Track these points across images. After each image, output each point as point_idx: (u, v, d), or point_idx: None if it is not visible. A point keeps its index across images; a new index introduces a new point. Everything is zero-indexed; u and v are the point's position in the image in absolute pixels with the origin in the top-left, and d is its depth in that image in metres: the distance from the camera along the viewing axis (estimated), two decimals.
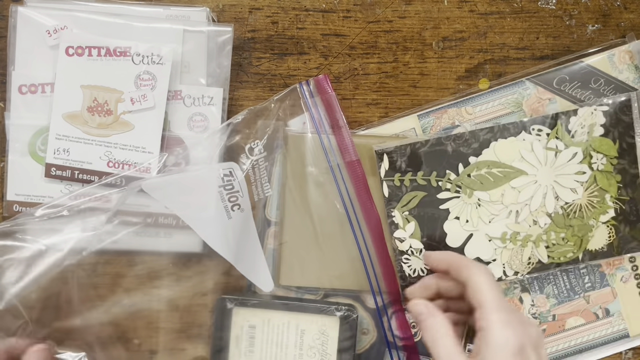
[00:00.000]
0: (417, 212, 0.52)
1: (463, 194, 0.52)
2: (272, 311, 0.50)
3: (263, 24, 0.54)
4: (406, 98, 0.55)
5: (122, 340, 0.53)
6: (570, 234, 0.52)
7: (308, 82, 0.53)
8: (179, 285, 0.54)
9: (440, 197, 0.52)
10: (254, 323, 0.50)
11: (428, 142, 0.52)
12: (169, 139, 0.52)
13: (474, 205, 0.52)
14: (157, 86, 0.51)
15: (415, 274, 0.52)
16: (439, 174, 0.52)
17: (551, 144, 0.52)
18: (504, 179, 0.52)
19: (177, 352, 0.54)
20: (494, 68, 0.55)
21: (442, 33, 0.55)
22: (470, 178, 0.52)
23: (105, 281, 0.53)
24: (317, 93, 0.52)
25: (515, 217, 0.52)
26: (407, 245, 0.52)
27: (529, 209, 0.52)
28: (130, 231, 0.52)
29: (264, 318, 0.50)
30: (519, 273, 0.52)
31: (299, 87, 0.52)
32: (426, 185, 0.52)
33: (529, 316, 0.55)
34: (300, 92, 0.52)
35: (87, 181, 0.52)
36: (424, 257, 0.50)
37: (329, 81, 0.52)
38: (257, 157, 0.52)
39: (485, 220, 0.52)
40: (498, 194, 0.52)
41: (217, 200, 0.50)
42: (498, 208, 0.52)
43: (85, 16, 0.51)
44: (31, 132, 0.52)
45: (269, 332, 0.50)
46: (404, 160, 0.52)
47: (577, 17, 0.55)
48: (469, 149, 0.52)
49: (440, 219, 0.52)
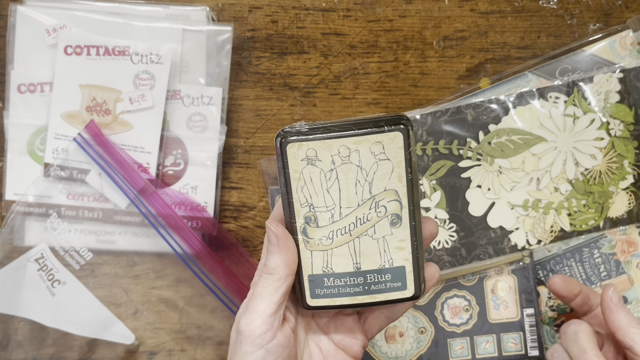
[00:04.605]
0: (443, 181, 0.52)
1: (484, 162, 0.52)
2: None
3: (263, 23, 0.54)
4: (407, 97, 0.55)
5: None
6: (591, 200, 0.52)
7: (81, 135, 0.51)
8: (178, 285, 0.53)
9: (461, 165, 0.52)
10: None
11: (448, 110, 0.51)
12: (168, 138, 0.52)
13: (495, 173, 0.52)
14: (156, 86, 0.51)
15: (440, 246, 0.52)
16: (460, 142, 0.52)
17: (569, 111, 0.52)
18: (524, 146, 0.52)
19: (176, 353, 0.54)
20: (495, 67, 0.55)
21: (442, 32, 0.54)
22: (491, 146, 0.52)
23: (105, 281, 0.53)
24: (93, 140, 0.51)
25: (536, 184, 0.52)
26: (432, 215, 0.52)
27: (550, 176, 0.52)
28: (129, 231, 0.53)
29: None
30: (542, 242, 0.52)
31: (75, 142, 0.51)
32: (448, 154, 0.52)
33: (546, 309, 0.54)
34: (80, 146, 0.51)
35: (85, 181, 0.51)
36: (552, 281, 0.49)
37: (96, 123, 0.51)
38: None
39: (506, 188, 0.52)
40: (519, 161, 0.52)
41: (37, 284, 0.51)
42: (519, 175, 0.52)
43: (84, 15, 0.51)
44: (30, 131, 0.52)
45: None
46: (425, 129, 0.52)
47: (578, 16, 0.55)
48: (489, 117, 0.52)
49: (462, 188, 0.52)
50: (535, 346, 0.53)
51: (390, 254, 0.39)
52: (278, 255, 0.37)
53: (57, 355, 0.53)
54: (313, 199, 0.38)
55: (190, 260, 0.52)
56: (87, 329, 0.52)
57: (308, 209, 0.39)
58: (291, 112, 0.54)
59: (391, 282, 0.39)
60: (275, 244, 0.37)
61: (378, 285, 0.39)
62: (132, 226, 0.52)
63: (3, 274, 0.51)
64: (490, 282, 0.54)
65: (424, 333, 0.53)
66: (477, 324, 0.54)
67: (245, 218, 0.54)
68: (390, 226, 0.39)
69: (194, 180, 0.53)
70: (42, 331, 0.52)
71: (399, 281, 0.39)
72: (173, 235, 0.51)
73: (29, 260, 0.51)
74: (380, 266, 0.39)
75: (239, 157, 0.54)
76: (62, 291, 0.52)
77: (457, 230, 0.52)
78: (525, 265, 0.53)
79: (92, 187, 0.52)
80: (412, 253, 0.39)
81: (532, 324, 0.53)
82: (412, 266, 0.39)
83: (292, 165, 0.38)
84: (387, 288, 0.39)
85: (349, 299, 0.39)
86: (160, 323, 0.54)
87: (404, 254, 0.39)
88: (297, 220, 0.39)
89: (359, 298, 0.39)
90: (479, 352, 0.53)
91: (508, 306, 0.54)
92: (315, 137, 0.38)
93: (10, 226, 0.52)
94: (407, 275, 0.39)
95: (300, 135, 0.38)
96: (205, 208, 0.53)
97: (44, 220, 0.52)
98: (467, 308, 0.54)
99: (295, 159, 0.38)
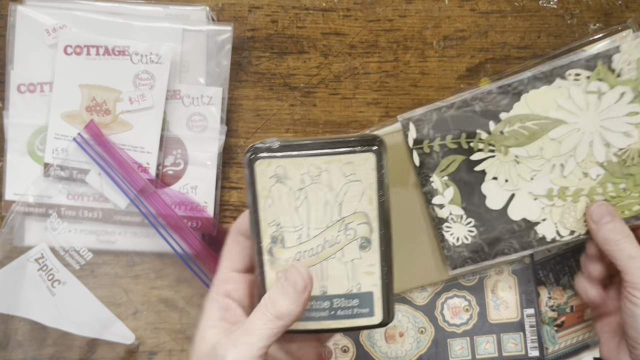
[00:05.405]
0: (456, 176, 0.49)
1: (498, 152, 0.49)
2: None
3: (263, 22, 0.54)
4: (407, 97, 0.55)
5: None
6: (632, 183, 0.48)
7: (81, 135, 0.51)
8: (178, 285, 0.53)
9: (473, 158, 0.49)
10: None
11: (454, 104, 0.49)
12: (168, 138, 0.52)
13: (512, 163, 0.48)
14: (155, 86, 0.51)
15: (459, 242, 0.50)
16: (469, 135, 0.49)
17: (592, 87, 0.47)
18: (541, 132, 0.48)
19: (176, 353, 0.54)
20: (495, 67, 0.55)
21: (442, 32, 0.54)
22: (503, 135, 0.48)
23: (105, 281, 0.53)
24: (93, 140, 0.51)
25: (560, 170, 0.48)
26: (447, 212, 0.50)
27: (575, 160, 0.48)
28: (129, 231, 0.53)
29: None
30: (575, 232, 0.49)
31: (75, 142, 0.51)
32: (457, 149, 0.49)
33: (546, 309, 0.54)
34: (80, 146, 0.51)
35: (85, 181, 0.51)
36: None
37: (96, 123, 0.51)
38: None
39: (526, 177, 0.48)
40: (536, 148, 0.48)
41: (37, 284, 0.51)
42: (539, 163, 0.48)
43: (84, 15, 0.51)
44: (30, 131, 0.52)
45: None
46: (431, 126, 0.49)
47: (578, 16, 0.55)
48: (499, 105, 0.48)
49: (477, 182, 0.49)
50: (536, 346, 0.53)
51: (358, 278, 0.38)
52: (296, 305, 0.35)
53: (57, 355, 0.53)
54: (281, 218, 0.37)
55: (191, 260, 0.52)
56: (87, 329, 0.52)
57: (275, 228, 0.38)
58: (291, 112, 0.54)
59: (359, 308, 0.38)
60: (301, 291, 0.36)
61: (345, 310, 0.38)
62: (132, 226, 0.52)
63: (3, 274, 0.51)
64: (491, 282, 0.54)
65: (424, 333, 0.53)
66: (477, 324, 0.54)
67: None
68: (359, 250, 0.38)
69: (194, 180, 0.53)
70: (42, 331, 0.52)
71: (366, 307, 0.38)
72: (173, 235, 0.51)
73: (29, 260, 0.51)
74: (348, 291, 0.38)
75: (239, 157, 0.54)
76: (62, 291, 0.52)
77: (476, 225, 0.50)
78: (526, 265, 0.53)
79: (92, 187, 0.52)
80: (381, 278, 0.38)
81: (533, 324, 0.53)
82: (380, 292, 0.38)
83: (260, 183, 0.37)
84: (354, 314, 0.38)
85: (315, 323, 0.38)
86: (160, 323, 0.54)
87: (372, 279, 0.38)
88: (263, 239, 0.38)
89: (325, 323, 0.38)
90: (479, 352, 0.53)
91: (508, 306, 0.54)
92: (285, 154, 0.37)
93: (10, 226, 0.52)
94: (375, 302, 0.38)
95: (270, 151, 0.37)
96: (205, 208, 0.53)
97: (44, 220, 0.52)
98: (467, 308, 0.54)
99: (264, 176, 0.37)
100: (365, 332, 0.53)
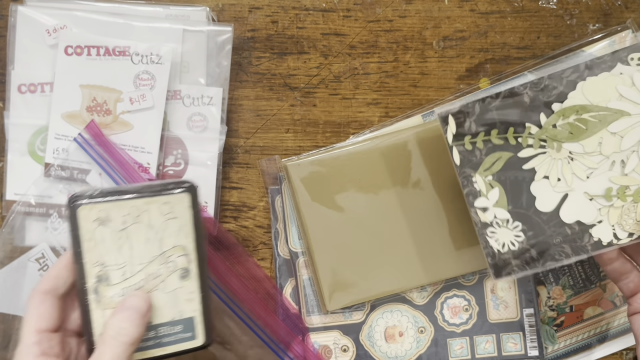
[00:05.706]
0: (501, 176, 0.45)
1: (549, 148, 0.44)
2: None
3: (263, 23, 0.54)
4: (406, 98, 0.55)
5: None
6: None
7: (81, 135, 0.51)
8: None
9: (521, 155, 0.45)
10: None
11: (500, 94, 0.44)
12: (168, 138, 0.52)
13: (566, 160, 0.44)
14: (156, 86, 0.51)
15: (505, 248, 0.45)
16: (517, 129, 0.44)
17: None
18: (600, 124, 0.43)
19: None
20: (495, 67, 0.55)
21: (442, 32, 0.54)
22: (557, 129, 0.44)
23: None
24: (94, 140, 0.51)
25: (620, 168, 0.44)
26: (492, 215, 0.45)
27: (638, 156, 0.43)
28: None
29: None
30: (635, 234, 0.44)
31: (75, 142, 0.51)
32: (503, 145, 0.45)
33: (546, 308, 0.54)
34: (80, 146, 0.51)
35: (86, 181, 0.52)
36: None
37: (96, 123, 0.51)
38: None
39: (581, 176, 0.44)
40: (594, 143, 0.44)
41: None
42: (596, 160, 0.44)
43: (84, 15, 0.51)
44: (30, 131, 0.52)
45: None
46: (473, 119, 0.45)
47: (578, 16, 0.55)
48: (551, 95, 0.44)
49: (526, 181, 0.45)
50: (535, 346, 0.53)
51: (180, 305, 0.41)
52: (142, 328, 0.38)
53: None
54: (105, 258, 0.40)
55: None
56: None
57: (100, 268, 0.40)
58: (291, 112, 0.54)
59: (182, 333, 0.42)
60: (145, 313, 0.39)
61: (169, 337, 0.41)
62: None
63: (4, 274, 0.51)
64: (490, 281, 0.54)
65: (424, 333, 0.53)
66: (477, 323, 0.54)
67: (245, 218, 0.55)
68: (180, 279, 0.41)
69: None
70: None
71: (189, 331, 0.42)
72: None
73: (29, 260, 0.51)
74: (172, 319, 0.41)
75: (239, 157, 0.54)
76: None
77: (523, 230, 0.45)
78: None
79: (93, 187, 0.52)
80: (201, 303, 0.42)
81: (532, 324, 0.53)
82: (201, 316, 0.42)
83: (83, 227, 0.40)
84: (179, 339, 0.42)
85: (140, 353, 0.41)
86: None
87: (193, 305, 0.42)
88: (88, 280, 0.40)
89: (150, 352, 0.41)
90: (479, 352, 0.53)
91: (508, 306, 0.54)
92: (106, 199, 0.40)
93: (10, 226, 0.52)
94: (196, 325, 0.42)
95: (91, 198, 0.40)
96: (206, 208, 0.53)
97: (44, 220, 0.52)
98: (466, 308, 0.54)
99: (87, 221, 0.40)
100: (365, 332, 0.53)
